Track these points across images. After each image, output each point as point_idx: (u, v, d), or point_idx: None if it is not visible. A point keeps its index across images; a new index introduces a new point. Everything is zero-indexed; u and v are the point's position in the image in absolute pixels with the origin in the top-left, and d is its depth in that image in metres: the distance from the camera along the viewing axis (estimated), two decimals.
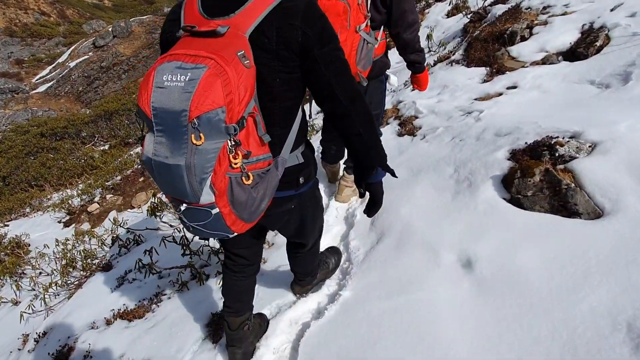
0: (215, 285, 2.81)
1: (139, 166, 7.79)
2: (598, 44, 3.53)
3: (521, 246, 1.98)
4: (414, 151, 3.31)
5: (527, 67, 3.81)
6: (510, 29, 4.28)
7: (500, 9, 5.51)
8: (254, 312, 2.18)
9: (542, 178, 2.20)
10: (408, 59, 2.63)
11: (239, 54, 1.15)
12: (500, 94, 3.58)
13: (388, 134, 3.83)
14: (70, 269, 3.95)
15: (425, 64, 2.71)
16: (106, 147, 11.95)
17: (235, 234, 1.36)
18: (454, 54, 4.89)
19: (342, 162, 3.34)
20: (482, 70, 4.13)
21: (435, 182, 2.76)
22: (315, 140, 4.14)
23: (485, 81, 3.95)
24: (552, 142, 2.30)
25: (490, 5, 6.06)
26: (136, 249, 3.92)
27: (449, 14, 7.01)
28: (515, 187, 2.26)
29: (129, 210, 6.12)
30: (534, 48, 4.00)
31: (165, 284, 3.07)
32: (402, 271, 2.20)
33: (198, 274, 2.87)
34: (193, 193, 1.19)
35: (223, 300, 2.01)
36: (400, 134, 3.76)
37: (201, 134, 1.11)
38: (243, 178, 1.24)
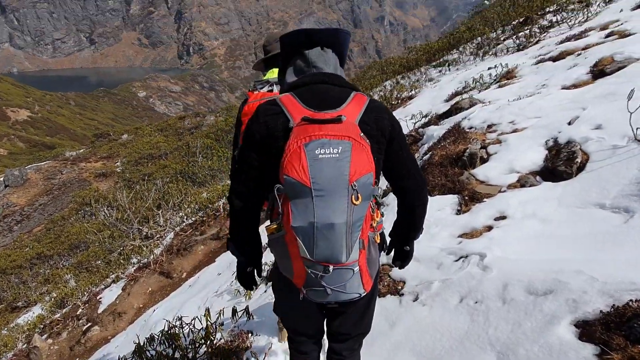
0: None
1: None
2: (578, 160, 3.12)
3: None
4: (411, 322, 2.41)
5: (504, 191, 3.27)
6: (467, 150, 3.86)
7: (436, 130, 5.28)
8: None
9: None
10: None
11: (361, 134, 1.37)
12: (490, 228, 2.93)
13: None
14: None
15: None
16: None
17: (365, 292, 1.46)
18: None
19: None
20: (450, 199, 3.54)
21: None
22: None
23: (460, 211, 3.32)
24: None
25: (422, 127, 5.88)
26: None
27: None
28: None
29: None
30: (501, 169, 3.54)
31: None
32: None
33: None
34: (347, 250, 1.30)
35: None
36: (378, 293, 2.87)
37: (359, 195, 1.28)
38: (376, 237, 1.49)
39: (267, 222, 1.57)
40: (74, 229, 15.39)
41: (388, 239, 1.90)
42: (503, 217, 2.97)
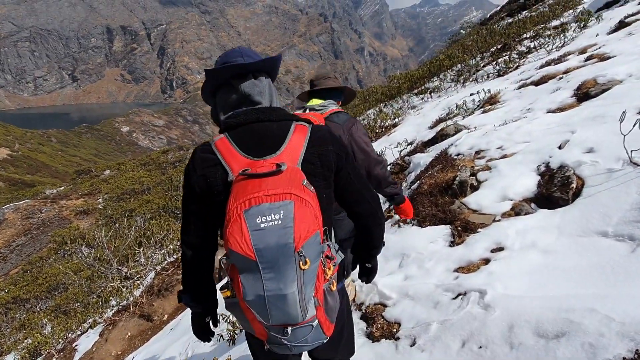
0: None
1: None
2: (573, 185, 2.99)
3: None
4: None
5: (499, 220, 3.11)
6: (457, 178, 3.72)
7: (422, 158, 5.16)
8: None
9: None
10: (386, 193, 2.74)
11: (304, 183, 1.32)
12: (488, 261, 2.74)
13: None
14: None
15: (403, 194, 2.86)
16: None
17: (328, 337, 1.46)
18: (395, 213, 4.16)
19: None
20: (442, 230, 3.37)
21: None
22: None
23: (454, 243, 3.14)
24: None
25: (408, 155, 5.76)
26: None
27: None
28: None
29: None
30: (493, 197, 3.39)
31: None
32: None
33: None
34: (302, 312, 1.28)
35: None
36: (371, 337, 2.64)
37: (307, 259, 1.24)
38: (331, 285, 1.40)
39: (221, 283, 1.46)
40: (52, 270, 14.78)
41: (350, 256, 1.97)
42: (500, 249, 2.80)
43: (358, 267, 1.94)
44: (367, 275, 1.92)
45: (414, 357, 2.25)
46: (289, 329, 1.32)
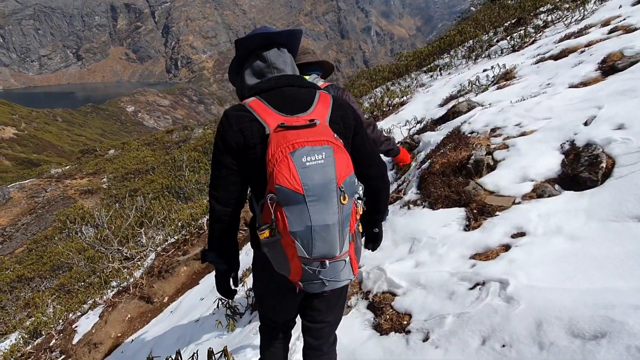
0: None
1: None
2: (603, 165, 2.71)
3: None
4: None
5: (520, 203, 2.85)
6: (472, 157, 3.44)
7: (432, 137, 4.87)
8: None
9: None
10: (382, 150, 3.01)
11: (335, 135, 1.48)
12: (508, 247, 2.50)
13: (358, 329, 2.48)
14: None
15: (396, 144, 3.19)
16: None
17: (354, 277, 1.66)
18: (404, 193, 3.91)
19: None
20: (456, 212, 3.11)
21: None
22: None
23: (469, 227, 2.89)
24: None
25: (417, 133, 5.47)
26: None
27: None
28: None
29: None
30: (512, 177, 3.12)
31: None
32: None
33: None
34: (341, 245, 1.41)
35: None
36: (379, 329, 2.42)
37: (346, 195, 1.40)
38: (359, 226, 1.60)
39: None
40: (56, 250, 14.75)
41: None
42: (522, 234, 2.54)
43: (364, 238, 2.03)
44: (373, 242, 2.04)
45: (427, 354, 2.02)
46: (327, 262, 1.42)
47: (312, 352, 1.96)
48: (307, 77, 2.63)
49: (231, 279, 1.83)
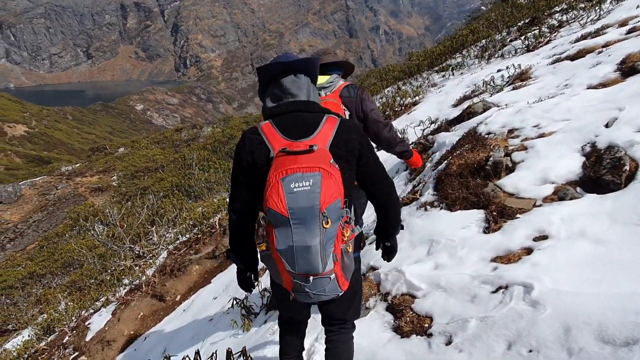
0: None
1: None
2: (626, 167, 2.67)
3: None
4: None
5: (541, 205, 2.82)
6: (491, 158, 3.41)
7: (447, 137, 4.84)
8: None
9: None
10: (396, 151, 3.06)
11: (330, 161, 1.61)
12: (530, 250, 2.47)
13: (377, 331, 2.47)
14: None
15: (410, 146, 3.27)
16: None
17: (343, 292, 1.72)
18: (420, 194, 3.89)
19: None
20: (475, 214, 3.09)
21: None
22: None
23: (489, 229, 2.87)
24: None
25: (432, 134, 5.44)
26: None
27: None
28: None
29: None
30: (532, 179, 3.09)
31: None
32: None
33: None
34: (322, 264, 1.53)
35: None
36: (399, 331, 2.41)
37: (329, 219, 1.51)
38: (348, 247, 1.67)
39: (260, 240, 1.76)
40: (67, 246, 14.87)
41: (373, 236, 2.21)
42: (544, 237, 2.52)
43: (381, 249, 2.16)
44: (388, 254, 2.14)
45: (451, 358, 2.01)
46: (311, 278, 1.57)
47: (328, 334, 2.08)
48: (327, 77, 2.76)
49: (252, 276, 2.08)
